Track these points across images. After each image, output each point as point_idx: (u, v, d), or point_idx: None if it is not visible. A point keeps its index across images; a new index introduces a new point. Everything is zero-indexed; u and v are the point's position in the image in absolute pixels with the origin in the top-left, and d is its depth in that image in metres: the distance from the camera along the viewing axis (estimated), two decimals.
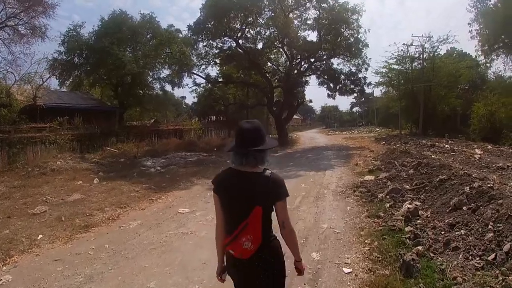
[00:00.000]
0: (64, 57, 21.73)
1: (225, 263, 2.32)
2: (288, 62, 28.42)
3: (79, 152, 17.25)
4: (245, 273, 2.17)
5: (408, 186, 8.30)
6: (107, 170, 13.75)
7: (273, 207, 2.14)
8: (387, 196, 7.59)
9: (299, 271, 2.37)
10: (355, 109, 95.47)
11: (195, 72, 27.56)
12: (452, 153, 13.65)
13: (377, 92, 66.91)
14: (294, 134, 44.34)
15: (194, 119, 34.14)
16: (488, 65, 33.13)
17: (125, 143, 20.19)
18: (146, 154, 17.84)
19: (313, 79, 71.79)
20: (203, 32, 24.95)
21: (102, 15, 25.90)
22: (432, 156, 12.22)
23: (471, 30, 28.35)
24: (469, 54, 34.61)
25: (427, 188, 7.68)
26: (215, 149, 20.94)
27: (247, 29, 26.65)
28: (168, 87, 28.06)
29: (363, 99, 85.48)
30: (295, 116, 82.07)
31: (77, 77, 23.34)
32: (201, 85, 30.67)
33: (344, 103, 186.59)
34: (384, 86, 37.90)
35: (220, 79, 29.17)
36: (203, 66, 28.40)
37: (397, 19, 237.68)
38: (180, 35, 25.73)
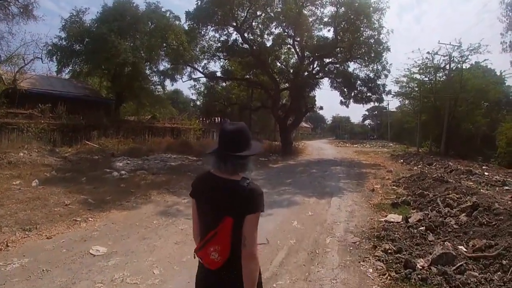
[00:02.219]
0: (64, 43, 20.97)
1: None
2: (298, 61, 25.08)
3: (54, 144, 15.95)
4: (211, 283, 2.01)
5: (464, 249, 5.04)
6: (67, 169, 12.06)
7: None
8: (433, 269, 4.36)
9: None
10: (367, 121, 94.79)
11: (192, 65, 24.49)
12: (506, 188, 10.21)
13: (392, 105, 64.59)
14: (302, 143, 41.93)
15: (193, 119, 31.28)
16: None
17: (112, 138, 18.75)
18: (127, 153, 16.28)
19: (325, 84, 69.10)
20: (203, 20, 21.75)
21: (105, 1, 24.90)
22: (482, 190, 8.85)
23: (503, 42, 25.00)
24: (494, 70, 31.08)
25: (502, 258, 4.44)
26: (207, 153, 18.12)
27: (254, 22, 23.53)
28: (168, 82, 25.77)
29: (376, 112, 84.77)
30: (304, 124, 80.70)
31: (76, 65, 22.53)
32: (200, 81, 27.81)
33: (356, 115, 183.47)
34: (403, 98, 34.36)
35: (220, 75, 25.86)
36: (205, 61, 25.56)
37: (414, 34, 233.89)
38: (178, 23, 22.99)
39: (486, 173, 13.26)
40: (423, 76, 28.61)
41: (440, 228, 6.05)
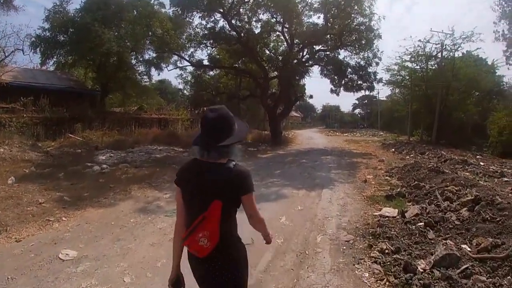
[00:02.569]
0: (48, 34, 20.57)
1: (181, 269, 2.14)
2: (287, 49, 24.38)
3: (37, 139, 15.44)
4: (200, 274, 2.02)
5: (468, 248, 4.57)
6: (48, 164, 11.52)
7: (238, 203, 1.98)
8: (436, 272, 3.88)
9: (268, 242, 2.32)
10: (357, 110, 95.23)
11: (178, 53, 23.68)
12: (505, 179, 9.77)
13: (382, 94, 64.51)
14: (292, 132, 41.65)
15: (181, 109, 30.59)
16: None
17: (96, 131, 18.27)
18: (111, 145, 15.83)
19: (315, 73, 68.39)
20: (189, 6, 20.92)
21: None
22: (481, 182, 8.40)
23: (496, 31, 24.69)
24: (485, 59, 30.62)
25: (511, 260, 3.98)
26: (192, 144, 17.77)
27: (242, 9, 22.75)
28: (154, 72, 25.14)
29: (366, 101, 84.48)
30: (294, 114, 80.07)
31: (61, 56, 22.01)
32: (187, 70, 27.03)
33: (346, 104, 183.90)
34: (393, 87, 33.91)
35: (207, 63, 25.08)
36: (192, 49, 24.76)
37: (404, 24, 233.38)
38: (164, 10, 22.22)
39: (481, 163, 12.87)
40: (415, 64, 28.16)
41: (440, 224, 5.56)
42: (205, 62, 25.11)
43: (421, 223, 5.61)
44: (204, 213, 1.85)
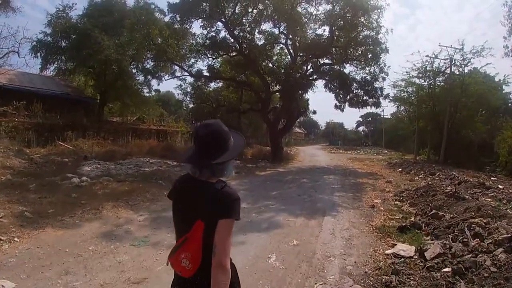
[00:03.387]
0: (49, 39, 20.34)
1: None
2: (290, 61, 23.39)
3: (28, 144, 15.32)
4: None
5: None
6: (28, 172, 10.79)
7: None
8: None
9: None
10: (361, 128, 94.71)
11: (176, 63, 22.74)
12: None
13: (386, 111, 63.55)
14: (294, 149, 40.61)
15: (180, 121, 29.70)
16: None
17: (89, 140, 17.62)
18: (101, 156, 15.16)
19: (319, 88, 67.56)
20: (188, 13, 20.06)
21: None
22: (509, 211, 7.15)
23: (506, 46, 23.59)
24: (493, 76, 29.36)
25: None
26: (182, 162, 16.80)
27: (244, 19, 21.88)
28: (156, 83, 24.56)
29: (370, 118, 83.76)
30: (298, 130, 79.26)
31: (61, 62, 21.72)
32: (187, 81, 26.06)
33: (350, 121, 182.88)
34: (399, 103, 32.72)
35: (206, 74, 24.08)
36: (192, 60, 23.86)
37: (408, 42, 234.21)
38: (166, 19, 21.49)
39: (500, 186, 11.59)
40: (422, 80, 27.04)
41: (472, 271, 4.34)
42: (205, 73, 24.04)
43: (447, 269, 4.39)
44: (187, 233, 1.74)
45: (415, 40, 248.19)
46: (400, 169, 19.67)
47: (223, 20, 20.94)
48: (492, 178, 15.29)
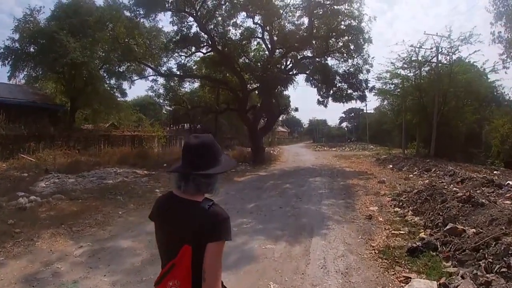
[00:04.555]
0: (17, 46, 19.34)
1: None
2: (267, 55, 21.69)
3: None
4: None
5: None
6: None
7: None
8: None
9: None
10: (344, 124, 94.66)
11: (143, 62, 20.90)
12: None
13: (369, 106, 62.89)
14: (278, 148, 39.08)
15: (156, 125, 27.85)
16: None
17: (55, 150, 16.25)
18: (65, 168, 13.71)
19: (300, 83, 66.22)
20: (152, 7, 18.17)
21: None
22: None
23: (493, 32, 22.47)
24: (482, 66, 28.26)
25: None
26: (164, 164, 16.65)
27: (217, 12, 20.11)
28: (126, 85, 23.81)
29: (353, 114, 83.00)
30: (281, 129, 77.86)
31: (31, 69, 20.47)
32: (159, 82, 24.19)
33: (333, 117, 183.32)
34: (383, 97, 31.40)
35: (176, 72, 22.22)
36: (165, 59, 22.07)
37: (386, 38, 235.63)
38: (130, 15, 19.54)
39: (510, 182, 10.11)
40: (407, 71, 25.67)
41: None
42: (168, 68, 22.25)
43: None
44: (173, 259, 1.57)
45: (393, 35, 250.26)
46: (391, 166, 18.26)
47: (193, 13, 19.15)
48: (495, 172, 13.90)
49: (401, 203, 8.63)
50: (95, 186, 11.32)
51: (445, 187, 8.85)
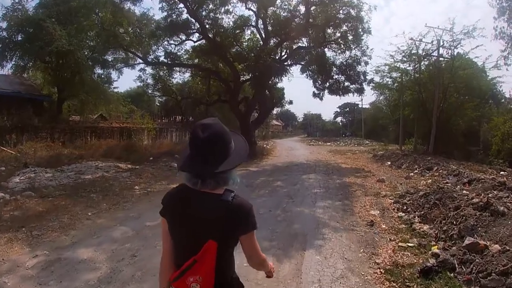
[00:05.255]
0: (5, 35, 18.64)
1: None
2: (261, 42, 20.60)
3: None
4: None
5: None
6: None
7: (237, 242, 1.63)
8: None
9: (269, 276, 1.98)
10: (339, 119, 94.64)
11: (132, 50, 19.79)
12: None
13: (365, 101, 62.36)
14: (271, 142, 38.23)
15: (145, 116, 26.82)
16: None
17: (37, 142, 15.85)
18: (44, 161, 13.06)
19: (296, 74, 65.15)
20: None
21: None
22: None
23: (496, 27, 21.50)
24: (476, 62, 27.40)
25: None
26: (151, 158, 16.47)
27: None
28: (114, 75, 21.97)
29: (348, 108, 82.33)
30: (275, 122, 77.00)
31: (19, 59, 19.69)
32: (147, 72, 23.10)
33: (327, 112, 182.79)
34: (380, 91, 30.50)
35: (164, 60, 21.07)
36: (154, 47, 20.93)
37: (383, 34, 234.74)
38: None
39: None
40: (407, 65, 24.69)
41: None
42: (155, 56, 21.15)
43: None
44: (195, 255, 1.50)
45: (390, 31, 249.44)
46: (389, 163, 17.34)
47: None
48: (502, 173, 12.99)
49: (405, 207, 7.69)
50: (71, 182, 10.47)
51: (455, 189, 7.90)
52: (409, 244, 5.32)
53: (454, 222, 5.86)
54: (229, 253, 1.63)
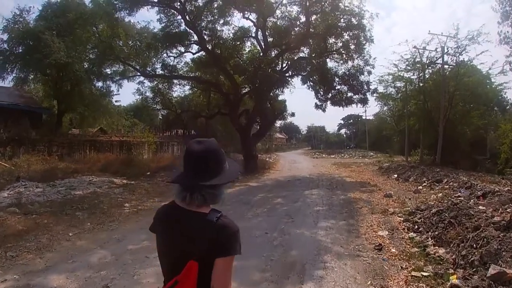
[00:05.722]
0: (6, 47, 18.84)
1: None
2: (261, 54, 20.10)
3: None
4: None
5: None
6: None
7: None
8: None
9: None
10: (343, 130, 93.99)
11: (129, 63, 19.38)
12: None
13: (368, 112, 61.92)
14: (274, 155, 37.58)
15: (146, 130, 26.37)
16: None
17: (33, 156, 15.53)
18: (38, 175, 12.74)
19: (297, 86, 64.85)
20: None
21: None
22: None
23: (500, 32, 20.90)
24: (480, 69, 26.72)
25: None
26: (148, 173, 16.07)
27: (206, 11, 18.61)
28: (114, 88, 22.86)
29: (351, 120, 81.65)
30: (278, 135, 76.33)
31: (20, 71, 19.80)
32: (145, 84, 22.67)
33: (331, 124, 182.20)
34: (385, 101, 29.82)
35: (161, 72, 20.62)
36: (154, 59, 20.61)
37: (384, 44, 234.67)
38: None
39: None
40: (411, 74, 24.07)
41: None
42: (152, 69, 20.70)
43: None
44: (177, 276, 1.44)
45: (391, 41, 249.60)
46: (396, 175, 16.57)
47: (178, 7, 17.63)
48: None
49: (416, 226, 6.98)
50: (59, 198, 10.07)
51: (470, 205, 7.16)
52: (424, 273, 4.61)
53: (474, 245, 5.14)
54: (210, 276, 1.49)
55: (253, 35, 20.28)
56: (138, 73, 20.31)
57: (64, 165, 15.30)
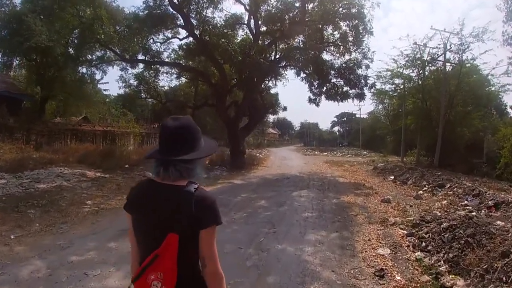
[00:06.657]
0: None
1: None
2: (252, 41, 18.75)
3: None
4: None
5: None
6: None
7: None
8: None
9: None
10: (336, 128, 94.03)
11: (111, 48, 17.97)
12: None
13: (363, 110, 61.41)
14: (265, 151, 36.66)
15: (131, 121, 25.09)
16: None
17: (7, 144, 14.90)
18: (8, 165, 12.06)
19: (291, 79, 63.75)
20: None
21: None
22: None
23: (504, 31, 19.83)
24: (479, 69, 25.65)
25: None
26: (126, 166, 15.44)
27: None
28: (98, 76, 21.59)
29: (345, 118, 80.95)
30: (271, 131, 75.21)
31: (3, 55, 19.02)
32: (129, 72, 21.30)
33: (324, 121, 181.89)
34: (382, 98, 28.75)
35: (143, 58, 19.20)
36: (138, 45, 19.13)
37: (381, 44, 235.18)
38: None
39: None
40: (410, 71, 22.94)
41: None
42: (132, 54, 19.27)
43: None
44: (156, 249, 1.41)
45: (388, 41, 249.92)
46: (392, 177, 15.41)
47: None
48: None
49: (423, 243, 5.75)
50: (19, 192, 9.20)
51: (489, 221, 5.92)
52: None
53: (504, 278, 3.93)
54: (192, 248, 1.46)
55: (245, 22, 18.97)
56: (119, 58, 18.80)
57: (39, 155, 14.46)
